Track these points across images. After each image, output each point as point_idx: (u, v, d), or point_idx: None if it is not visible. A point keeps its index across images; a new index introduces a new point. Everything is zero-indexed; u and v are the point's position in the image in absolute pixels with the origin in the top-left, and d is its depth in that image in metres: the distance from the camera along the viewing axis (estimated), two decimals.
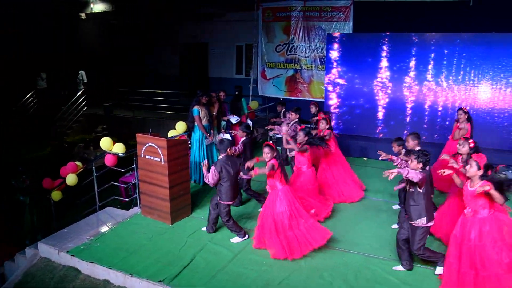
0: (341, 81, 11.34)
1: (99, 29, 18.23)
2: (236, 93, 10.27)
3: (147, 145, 6.95)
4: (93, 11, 16.12)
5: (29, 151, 14.42)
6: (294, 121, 8.46)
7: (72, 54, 17.38)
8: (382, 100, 11.07)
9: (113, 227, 7.00)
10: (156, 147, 6.81)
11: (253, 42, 13.67)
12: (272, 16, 12.91)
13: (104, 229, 6.97)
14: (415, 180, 4.75)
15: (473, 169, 4.72)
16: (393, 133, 10.15)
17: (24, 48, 16.34)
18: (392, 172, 4.87)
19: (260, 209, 6.54)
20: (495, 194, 4.51)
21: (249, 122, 10.14)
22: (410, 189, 5.02)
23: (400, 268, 5.43)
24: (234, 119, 9.53)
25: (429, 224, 5.02)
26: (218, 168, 6.03)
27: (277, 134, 8.58)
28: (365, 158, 10.73)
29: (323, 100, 12.06)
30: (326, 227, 6.17)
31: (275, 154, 5.96)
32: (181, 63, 17.66)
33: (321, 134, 7.91)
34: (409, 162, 5.13)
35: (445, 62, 10.32)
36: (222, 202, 6.17)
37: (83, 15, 16.69)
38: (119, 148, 7.59)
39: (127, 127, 15.18)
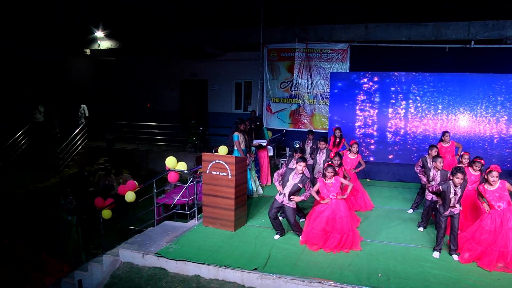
0: (342, 113, 13.45)
1: (96, 64, 19.56)
2: (258, 123, 11.98)
3: (213, 162, 8.40)
4: (100, 48, 17.45)
5: (32, 182, 15.28)
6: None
7: (69, 88, 18.52)
8: (374, 127, 13.42)
9: (183, 235, 8.29)
10: (224, 163, 8.28)
11: (259, 79, 15.57)
12: (277, 56, 14.91)
13: (176, 236, 8.23)
14: None
15: (495, 179, 6.72)
16: (380, 157, 13.13)
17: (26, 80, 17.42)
18: None
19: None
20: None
21: (270, 148, 11.90)
22: None
23: (436, 254, 7.18)
24: (264, 143, 11.23)
25: None
26: None
27: None
28: (368, 180, 12.62)
29: (324, 130, 14.04)
30: (360, 226, 8.31)
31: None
32: (181, 99, 19.22)
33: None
34: None
35: (427, 94, 12.84)
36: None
37: (88, 51, 17.94)
38: (182, 166, 8.97)
39: (130, 159, 16.37)
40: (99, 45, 17.31)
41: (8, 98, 17.12)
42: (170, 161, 9.02)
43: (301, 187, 7.76)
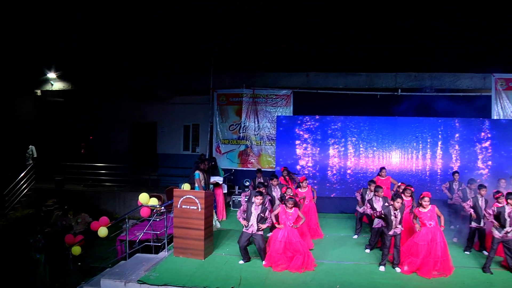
0: (287, 152, 15.15)
1: (46, 105, 20.07)
2: (213, 163, 13.28)
3: (184, 197, 9.62)
4: (52, 89, 18.10)
5: None
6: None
7: (16, 129, 18.92)
8: (316, 166, 15.18)
9: (159, 264, 9.33)
10: (194, 198, 9.52)
11: (207, 121, 16.96)
12: (226, 100, 16.48)
13: (152, 265, 9.25)
14: None
15: (427, 203, 8.55)
16: (321, 192, 14.60)
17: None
18: None
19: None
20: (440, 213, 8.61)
21: (224, 185, 13.29)
22: None
23: (382, 268, 8.83)
24: (220, 180, 12.58)
25: None
26: None
27: None
28: None
29: (271, 169, 15.61)
30: (315, 251, 9.78)
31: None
32: (131, 140, 20.13)
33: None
34: None
35: (363, 135, 14.92)
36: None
37: (39, 92, 18.48)
38: (155, 201, 10.09)
39: (80, 200, 16.93)
40: (52, 84, 17.99)
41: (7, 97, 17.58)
42: (143, 197, 10.11)
43: (263, 216, 9.20)
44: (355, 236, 11.44)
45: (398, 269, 8.74)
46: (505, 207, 8.67)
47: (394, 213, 8.75)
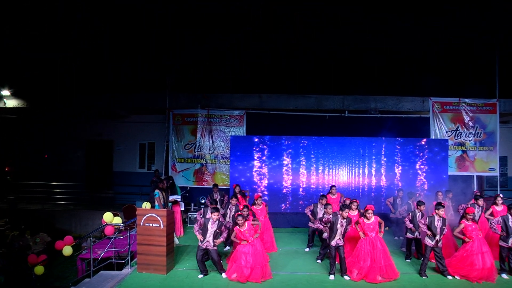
0: (241, 171, 16.06)
1: None
2: (171, 182, 14.03)
3: (147, 215, 10.35)
4: (6, 106, 18.14)
5: None
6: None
7: None
8: (269, 183, 16.12)
9: (124, 280, 9.98)
10: (157, 216, 10.26)
11: (162, 140, 17.65)
12: (181, 120, 17.24)
13: (117, 281, 9.88)
14: None
15: (371, 215, 9.74)
16: (274, 208, 15.51)
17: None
18: None
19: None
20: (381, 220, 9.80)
21: (182, 203, 14.07)
22: None
23: (332, 277, 9.91)
24: (179, 198, 13.39)
25: None
26: None
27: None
28: None
29: (225, 187, 16.49)
30: (270, 263, 10.68)
31: None
32: (86, 158, 20.43)
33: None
34: None
35: (312, 154, 16.05)
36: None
37: None
38: (118, 220, 10.74)
39: (36, 220, 17.09)
40: (5, 103, 18.05)
41: None
42: (107, 216, 10.74)
43: (219, 231, 10.09)
44: (307, 249, 12.47)
45: (346, 277, 9.85)
46: (435, 216, 10.06)
47: (341, 222, 9.90)
